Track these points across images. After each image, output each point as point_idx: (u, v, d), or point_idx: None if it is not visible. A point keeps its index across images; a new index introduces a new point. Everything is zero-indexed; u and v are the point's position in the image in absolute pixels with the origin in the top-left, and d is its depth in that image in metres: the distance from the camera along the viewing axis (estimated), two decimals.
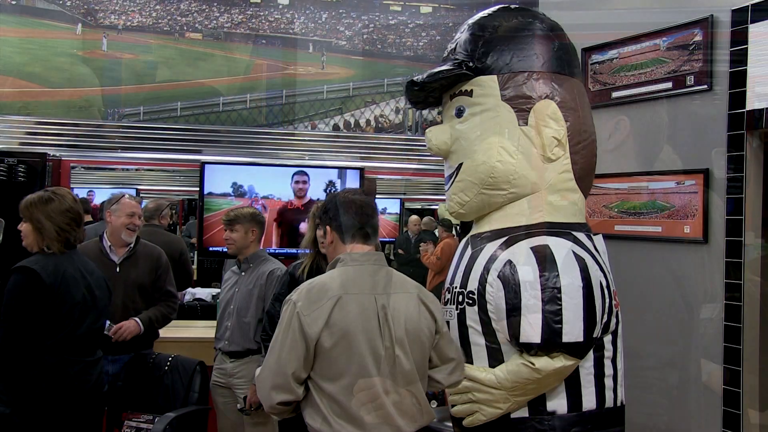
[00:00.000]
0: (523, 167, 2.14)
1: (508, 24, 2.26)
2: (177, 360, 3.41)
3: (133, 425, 3.30)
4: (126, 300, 3.41)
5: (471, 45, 2.26)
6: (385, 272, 2.12)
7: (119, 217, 3.39)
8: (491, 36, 2.24)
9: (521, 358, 1.99)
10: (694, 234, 2.92)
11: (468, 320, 2.10)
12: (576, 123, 2.20)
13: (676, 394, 3.00)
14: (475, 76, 2.24)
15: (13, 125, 4.21)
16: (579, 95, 2.28)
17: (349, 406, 1.97)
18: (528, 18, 2.29)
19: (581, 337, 1.93)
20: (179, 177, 7.65)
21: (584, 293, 1.94)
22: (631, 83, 3.23)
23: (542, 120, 2.15)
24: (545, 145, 2.14)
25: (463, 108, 2.26)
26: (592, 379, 2.03)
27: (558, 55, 2.25)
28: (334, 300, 1.99)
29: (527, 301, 1.94)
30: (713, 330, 2.84)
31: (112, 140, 4.41)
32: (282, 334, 2.01)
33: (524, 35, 2.24)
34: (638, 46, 3.20)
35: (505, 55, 2.21)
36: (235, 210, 3.56)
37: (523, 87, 2.18)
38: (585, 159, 2.23)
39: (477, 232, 2.26)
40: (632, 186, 3.20)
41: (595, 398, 2.04)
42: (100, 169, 7.27)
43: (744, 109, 2.72)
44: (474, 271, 2.12)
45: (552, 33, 2.29)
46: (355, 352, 1.97)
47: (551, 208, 2.14)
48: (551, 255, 1.98)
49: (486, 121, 2.21)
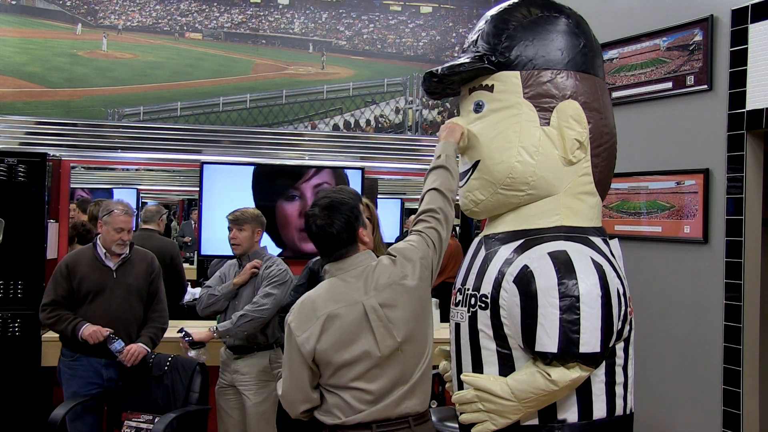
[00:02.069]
0: (543, 169, 2.07)
1: (532, 17, 2.18)
2: (177, 360, 3.41)
3: (133, 425, 3.30)
4: (125, 305, 3.42)
5: (494, 38, 2.17)
6: (375, 270, 2.13)
7: (108, 231, 3.40)
8: (515, 29, 2.16)
9: (535, 366, 1.92)
10: (694, 234, 2.92)
11: (479, 324, 2.05)
12: (598, 125, 2.14)
13: (675, 394, 3.00)
14: (498, 71, 2.15)
15: (13, 125, 4.21)
16: (603, 95, 2.22)
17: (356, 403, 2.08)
18: (554, 12, 2.20)
19: (599, 347, 1.86)
20: (179, 177, 7.66)
21: (603, 302, 1.88)
22: (631, 83, 3.23)
23: (565, 121, 2.09)
24: (566, 148, 2.08)
25: (482, 103, 2.19)
26: (604, 387, 1.98)
27: (583, 53, 2.18)
28: (323, 319, 2.07)
29: (544, 309, 1.87)
30: (713, 330, 2.84)
31: (112, 140, 4.41)
32: (286, 352, 2.14)
33: (549, 30, 2.16)
34: (638, 46, 3.20)
35: (529, 51, 2.14)
36: (241, 210, 3.61)
37: (547, 85, 2.11)
38: (605, 162, 2.17)
39: (491, 232, 2.20)
40: (632, 186, 3.20)
41: (605, 406, 1.99)
42: (100, 169, 7.28)
43: (744, 109, 2.72)
44: (488, 274, 2.06)
45: (578, 29, 2.21)
46: (355, 360, 2.06)
47: (569, 212, 2.09)
48: (569, 261, 1.92)
49: (506, 118, 2.13)
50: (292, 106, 4.88)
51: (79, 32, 4.51)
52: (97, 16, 4.54)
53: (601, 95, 2.19)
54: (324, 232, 2.13)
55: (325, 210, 2.14)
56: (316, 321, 2.07)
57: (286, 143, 4.73)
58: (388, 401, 2.08)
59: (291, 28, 4.88)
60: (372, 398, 2.07)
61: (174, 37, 4.71)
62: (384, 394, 2.08)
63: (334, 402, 2.10)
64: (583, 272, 1.89)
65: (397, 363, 2.09)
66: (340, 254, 2.15)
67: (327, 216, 2.13)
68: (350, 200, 2.18)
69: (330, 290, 2.13)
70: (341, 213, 2.13)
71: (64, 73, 4.42)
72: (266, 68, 4.86)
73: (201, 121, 4.66)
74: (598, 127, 2.12)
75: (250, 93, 4.80)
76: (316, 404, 2.13)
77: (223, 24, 4.77)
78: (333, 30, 4.94)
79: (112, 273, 3.42)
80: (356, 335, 2.06)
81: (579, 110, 2.09)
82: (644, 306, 3.12)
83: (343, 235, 2.12)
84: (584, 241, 2.03)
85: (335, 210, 2.14)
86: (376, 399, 2.07)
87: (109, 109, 4.54)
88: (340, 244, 2.13)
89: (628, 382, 2.05)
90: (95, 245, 3.45)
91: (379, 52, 4.98)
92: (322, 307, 2.09)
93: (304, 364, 2.08)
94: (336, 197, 2.17)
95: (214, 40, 4.78)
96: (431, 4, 4.83)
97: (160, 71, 4.67)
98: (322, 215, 2.13)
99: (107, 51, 4.56)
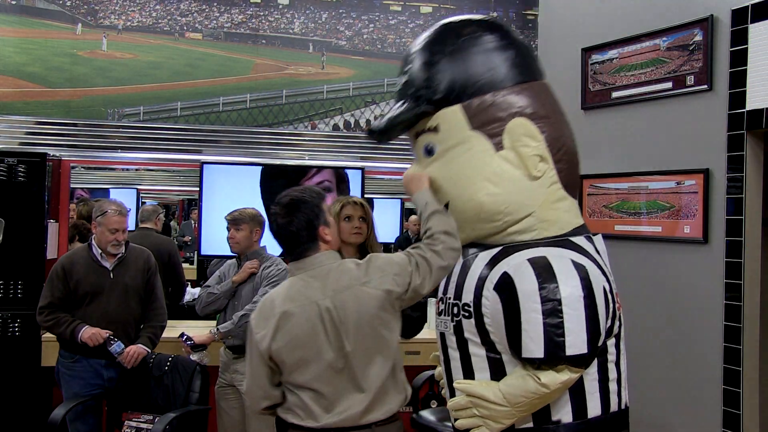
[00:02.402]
0: (512, 193, 2.02)
1: (456, 44, 2.08)
2: (177, 360, 3.42)
3: (133, 425, 3.30)
4: (122, 306, 3.42)
5: (425, 75, 2.08)
6: (335, 271, 2.14)
7: (103, 232, 3.39)
8: (443, 62, 2.06)
9: (525, 370, 1.92)
10: (694, 234, 2.92)
11: (465, 333, 2.04)
12: (552, 131, 2.07)
13: (675, 394, 3.00)
14: (437, 110, 2.07)
15: (13, 125, 4.21)
16: (547, 97, 2.14)
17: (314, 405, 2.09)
18: (475, 31, 2.10)
19: (585, 348, 1.86)
20: (179, 177, 7.67)
21: (586, 303, 1.86)
22: (631, 83, 3.23)
23: (518, 141, 2.02)
24: (528, 166, 2.01)
25: (432, 146, 2.11)
26: (597, 384, 1.97)
27: (516, 63, 2.09)
28: (277, 317, 2.10)
29: (527, 315, 1.86)
30: (713, 330, 2.84)
31: (112, 140, 4.41)
32: (247, 348, 2.20)
33: (477, 52, 2.06)
34: (638, 46, 3.20)
35: (463, 80, 2.04)
36: (239, 211, 3.63)
37: (490, 110, 2.02)
38: (569, 164, 2.11)
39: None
40: (632, 186, 3.20)
41: (600, 404, 1.98)
42: (100, 169, 7.27)
43: (744, 109, 2.72)
44: (468, 282, 2.04)
45: (504, 40, 2.12)
46: (310, 359, 2.07)
47: (546, 224, 2.05)
48: (549, 265, 1.90)
49: (460, 155, 2.06)
50: (292, 106, 4.89)
51: (79, 32, 4.51)
52: (97, 16, 4.54)
53: (546, 98, 2.12)
54: (284, 230, 2.16)
55: (286, 208, 2.16)
56: (272, 319, 2.10)
57: (286, 143, 4.73)
58: (351, 412, 2.07)
59: (291, 28, 4.88)
60: (327, 402, 2.08)
61: (174, 37, 4.71)
62: (338, 398, 2.08)
63: (293, 401, 2.13)
64: (563, 275, 1.88)
65: (350, 368, 2.08)
66: (300, 252, 2.17)
67: (287, 214, 2.15)
68: (312, 199, 2.19)
69: (289, 289, 2.15)
70: (301, 211, 2.15)
71: (64, 73, 4.42)
72: (266, 68, 4.86)
73: (201, 121, 4.66)
74: (552, 134, 2.06)
75: (250, 93, 4.81)
76: (278, 401, 2.16)
77: (223, 24, 4.77)
78: (333, 30, 4.94)
79: (108, 273, 3.41)
80: (310, 336, 2.07)
81: (528, 125, 2.03)
82: (644, 306, 3.12)
83: (302, 233, 2.14)
84: (564, 244, 2.02)
85: (296, 208, 2.16)
86: (331, 404, 2.08)
87: (109, 109, 4.54)
88: (300, 241, 2.15)
89: (621, 377, 2.05)
90: (90, 246, 3.44)
91: (379, 52, 4.99)
92: (279, 305, 2.11)
93: (262, 361, 2.12)
94: (297, 196, 2.19)
95: (214, 40, 4.78)
96: (431, 4, 4.83)
97: (160, 71, 4.67)
98: (282, 213, 2.16)
99: (107, 51, 4.56)
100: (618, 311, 2.04)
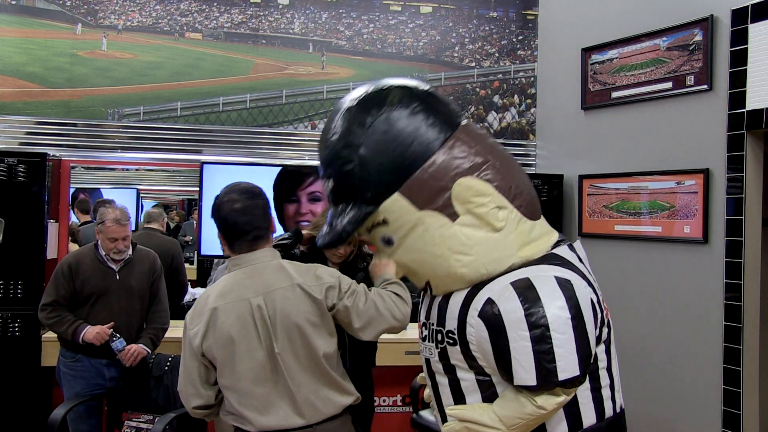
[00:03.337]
0: (486, 254, 1.92)
1: (371, 129, 1.92)
2: (177, 360, 3.41)
3: (133, 425, 3.30)
4: (127, 307, 3.43)
5: (351, 178, 1.94)
6: (271, 269, 2.11)
7: (103, 240, 3.39)
8: (364, 153, 1.91)
9: (519, 392, 1.87)
10: (694, 234, 2.92)
11: (452, 359, 1.99)
12: (497, 174, 1.94)
13: (676, 394, 3.00)
14: (378, 206, 1.95)
15: (13, 125, 4.21)
16: (476, 139, 1.97)
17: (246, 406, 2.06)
18: (383, 108, 1.93)
19: (577, 370, 1.80)
20: (179, 177, 7.67)
21: (573, 324, 1.80)
22: (631, 83, 3.23)
23: (469, 203, 1.90)
24: (490, 222, 1.92)
25: (388, 236, 2.02)
26: (590, 394, 1.94)
27: (434, 124, 1.93)
28: (209, 313, 2.07)
29: (515, 343, 1.80)
30: (713, 330, 2.84)
31: (112, 140, 4.41)
32: (182, 344, 2.16)
33: (392, 130, 1.91)
34: (638, 46, 3.20)
35: (390, 165, 1.90)
36: None
37: (429, 184, 1.90)
38: (525, 195, 2.01)
39: None
40: (632, 186, 3.20)
41: (594, 412, 1.95)
42: (100, 169, 7.28)
43: (744, 109, 2.72)
44: (450, 308, 1.97)
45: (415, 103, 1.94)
46: (240, 358, 2.04)
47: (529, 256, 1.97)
48: (533, 288, 1.83)
49: (419, 238, 1.96)
50: (292, 106, 4.88)
51: (79, 32, 4.51)
52: (97, 16, 4.54)
53: (475, 141, 1.97)
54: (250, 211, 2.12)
55: (246, 194, 2.14)
56: (204, 315, 2.07)
57: (286, 143, 4.73)
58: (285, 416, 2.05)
59: (291, 28, 4.88)
60: (259, 404, 2.05)
61: (174, 37, 4.71)
62: (271, 401, 2.05)
63: (228, 404, 2.10)
64: (548, 297, 1.81)
65: (280, 371, 2.06)
66: (253, 239, 2.12)
67: (250, 198, 2.13)
68: (263, 193, 2.19)
69: (225, 285, 2.12)
70: (261, 198, 2.16)
71: (64, 73, 4.42)
72: (266, 68, 4.86)
73: (201, 121, 4.66)
74: (497, 176, 1.93)
75: (250, 93, 4.80)
76: (210, 402, 2.12)
77: (223, 24, 4.77)
78: (333, 30, 4.94)
79: (114, 275, 3.41)
80: (241, 333, 2.04)
81: (473, 183, 1.91)
82: (644, 306, 3.12)
83: (266, 216, 2.14)
84: (546, 258, 1.97)
85: (256, 195, 2.16)
86: (264, 406, 2.05)
87: (109, 109, 4.53)
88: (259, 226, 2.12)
89: (614, 381, 2.03)
90: (97, 246, 3.45)
91: (379, 52, 4.98)
92: (212, 302, 2.08)
93: (194, 357, 2.09)
94: (250, 186, 2.18)
95: (214, 40, 4.78)
96: (431, 4, 4.83)
97: (160, 71, 4.67)
98: (243, 198, 2.13)
99: (107, 51, 4.56)
100: (606, 317, 2.01)
